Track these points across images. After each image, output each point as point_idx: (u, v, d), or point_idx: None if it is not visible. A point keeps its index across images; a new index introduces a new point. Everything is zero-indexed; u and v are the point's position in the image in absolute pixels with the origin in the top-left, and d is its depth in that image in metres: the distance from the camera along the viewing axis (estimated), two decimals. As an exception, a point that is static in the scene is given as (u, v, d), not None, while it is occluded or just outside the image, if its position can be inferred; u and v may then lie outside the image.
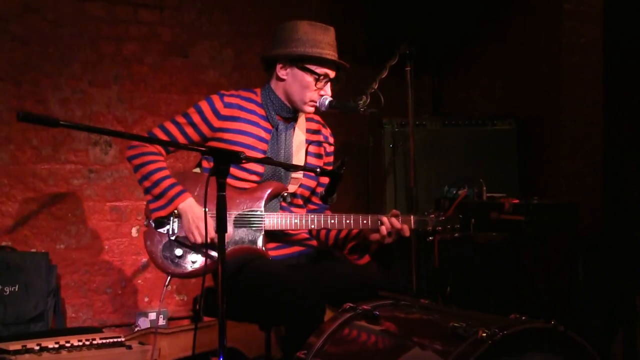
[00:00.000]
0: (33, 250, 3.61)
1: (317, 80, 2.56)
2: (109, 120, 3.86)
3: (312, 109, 2.62)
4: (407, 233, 2.57)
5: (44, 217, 3.70)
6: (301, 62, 2.56)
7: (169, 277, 2.58)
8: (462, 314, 1.95)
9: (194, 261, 2.53)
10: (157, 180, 2.52)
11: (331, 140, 2.81)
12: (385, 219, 2.54)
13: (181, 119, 2.59)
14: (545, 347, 1.81)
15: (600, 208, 4.12)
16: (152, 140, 2.56)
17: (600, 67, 4.15)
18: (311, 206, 2.74)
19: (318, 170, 2.39)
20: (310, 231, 2.72)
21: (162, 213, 2.52)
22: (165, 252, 2.53)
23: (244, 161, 2.02)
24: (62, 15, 3.75)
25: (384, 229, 2.53)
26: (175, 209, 2.51)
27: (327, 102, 2.58)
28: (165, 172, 2.55)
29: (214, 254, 2.39)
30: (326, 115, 2.75)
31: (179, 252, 2.53)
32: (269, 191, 2.56)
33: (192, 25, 4.11)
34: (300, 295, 2.30)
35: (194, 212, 2.47)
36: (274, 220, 2.54)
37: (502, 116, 4.15)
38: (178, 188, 2.52)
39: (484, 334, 1.72)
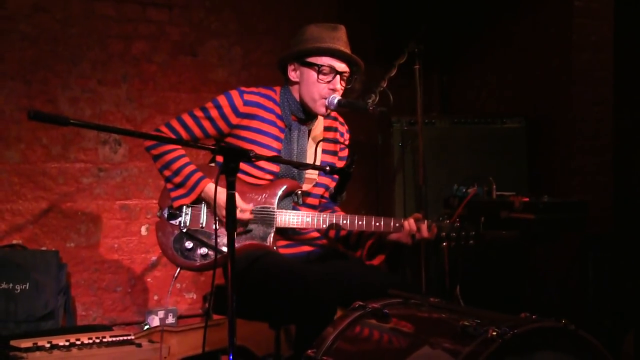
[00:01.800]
0: (43, 248, 3.62)
1: (319, 72, 2.54)
2: (118, 119, 3.87)
3: (324, 109, 2.58)
4: (425, 234, 2.56)
5: (54, 215, 3.71)
6: (303, 58, 2.56)
7: (178, 270, 2.59)
8: (472, 312, 1.95)
9: (204, 254, 2.53)
10: (178, 168, 2.54)
11: (347, 136, 2.81)
12: (404, 222, 2.54)
13: (199, 113, 2.59)
14: (556, 346, 1.80)
15: (611, 206, 4.10)
16: (163, 139, 2.56)
17: (610, 64, 4.13)
18: (322, 200, 2.75)
19: (327, 168, 2.39)
20: (319, 229, 2.71)
21: (185, 201, 2.53)
22: (176, 244, 2.54)
23: (253, 160, 2.01)
24: (72, 14, 3.76)
25: (406, 224, 2.53)
26: (198, 196, 2.51)
27: (335, 101, 2.56)
28: (185, 160, 2.56)
29: (224, 249, 2.39)
30: (337, 113, 2.75)
31: (189, 244, 2.53)
32: (282, 188, 2.56)
33: (200, 24, 4.11)
34: (314, 288, 2.30)
35: (222, 199, 2.43)
36: (286, 217, 2.54)
37: (512, 114, 4.13)
38: (198, 175, 2.53)
39: (494, 333, 1.71)
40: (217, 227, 2.50)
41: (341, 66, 2.56)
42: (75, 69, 3.78)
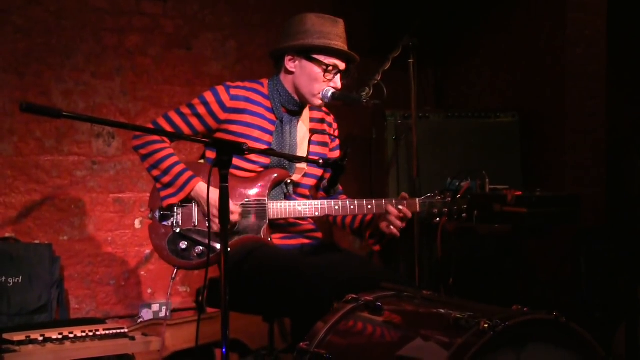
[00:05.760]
0: (37, 241, 3.62)
1: (325, 71, 2.55)
2: (112, 112, 3.86)
3: (320, 102, 2.60)
4: (409, 214, 2.58)
5: (47, 208, 3.71)
6: (309, 53, 2.55)
7: (176, 270, 2.59)
8: (465, 305, 1.96)
9: (200, 253, 2.53)
10: (167, 168, 2.53)
11: (335, 125, 2.81)
12: (390, 208, 2.54)
13: (186, 110, 2.58)
14: (547, 338, 1.81)
15: (603, 200, 4.12)
16: (156, 131, 2.56)
17: (604, 59, 4.14)
18: (321, 193, 2.75)
19: (321, 161, 2.39)
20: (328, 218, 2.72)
21: (174, 200, 2.52)
22: (170, 245, 2.54)
23: (246, 152, 2.01)
24: (65, 6, 3.75)
25: (394, 211, 2.54)
26: (187, 195, 2.51)
27: (329, 94, 2.57)
28: (174, 159, 2.55)
29: (218, 246, 2.39)
30: (329, 107, 2.75)
31: (184, 244, 2.53)
32: (272, 178, 2.56)
33: (195, 17, 4.10)
34: (309, 281, 2.30)
35: (212, 197, 2.43)
36: (278, 208, 2.54)
37: (505, 108, 4.14)
38: (188, 174, 2.52)
39: (486, 325, 1.72)
40: (210, 226, 2.50)
41: (342, 65, 2.59)
42: (68, 62, 3.76)
